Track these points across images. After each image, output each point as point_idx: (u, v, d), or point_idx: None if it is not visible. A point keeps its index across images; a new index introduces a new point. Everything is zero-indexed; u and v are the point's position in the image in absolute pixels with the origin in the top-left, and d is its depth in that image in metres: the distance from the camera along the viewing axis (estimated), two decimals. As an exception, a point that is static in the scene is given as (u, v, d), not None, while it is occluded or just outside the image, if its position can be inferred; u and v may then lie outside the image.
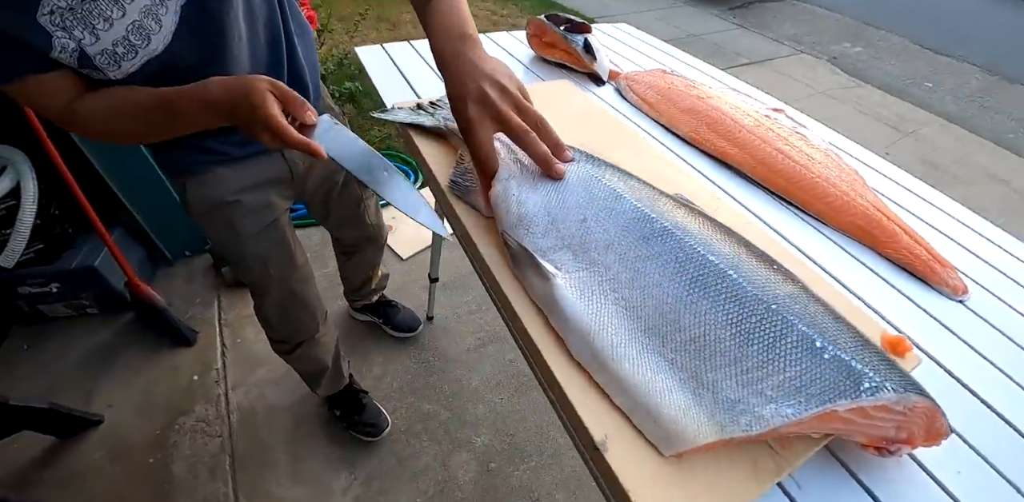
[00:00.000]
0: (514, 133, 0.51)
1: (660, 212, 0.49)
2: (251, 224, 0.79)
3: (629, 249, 0.45)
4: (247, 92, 0.50)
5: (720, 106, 0.70)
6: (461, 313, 1.59)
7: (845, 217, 0.59)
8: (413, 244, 1.78)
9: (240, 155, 0.73)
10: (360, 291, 1.38)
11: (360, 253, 1.23)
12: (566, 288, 0.42)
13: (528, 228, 0.48)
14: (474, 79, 0.51)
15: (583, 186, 0.52)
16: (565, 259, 0.45)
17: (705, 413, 0.36)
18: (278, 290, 0.90)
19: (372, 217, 1.12)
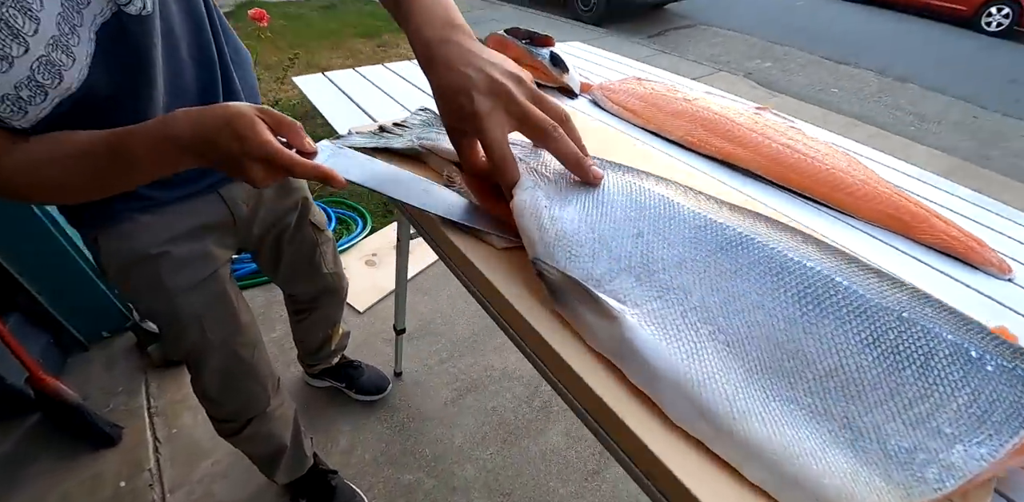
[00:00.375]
0: (538, 130, 0.42)
1: (726, 217, 0.40)
2: (183, 279, 0.68)
3: (708, 265, 0.35)
4: (229, 119, 0.41)
5: (709, 107, 0.65)
6: (432, 363, 1.45)
7: (871, 205, 0.54)
8: (370, 294, 1.64)
9: (167, 198, 0.63)
10: (318, 354, 1.21)
11: (318, 309, 1.07)
12: (642, 327, 0.31)
13: (570, 251, 0.36)
14: (477, 67, 0.41)
15: (624, 194, 0.42)
16: (628, 287, 0.34)
17: (879, 474, 0.26)
18: (220, 356, 0.76)
19: (330, 264, 0.98)
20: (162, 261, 0.65)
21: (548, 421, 1.32)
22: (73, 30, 0.42)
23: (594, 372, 0.32)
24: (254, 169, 0.41)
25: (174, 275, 0.67)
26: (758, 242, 0.37)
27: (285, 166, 0.41)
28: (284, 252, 0.87)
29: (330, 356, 1.25)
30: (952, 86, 4.70)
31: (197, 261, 0.69)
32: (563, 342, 0.34)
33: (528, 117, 0.42)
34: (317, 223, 0.90)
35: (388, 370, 1.39)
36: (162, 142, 0.42)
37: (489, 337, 1.53)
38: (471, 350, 1.49)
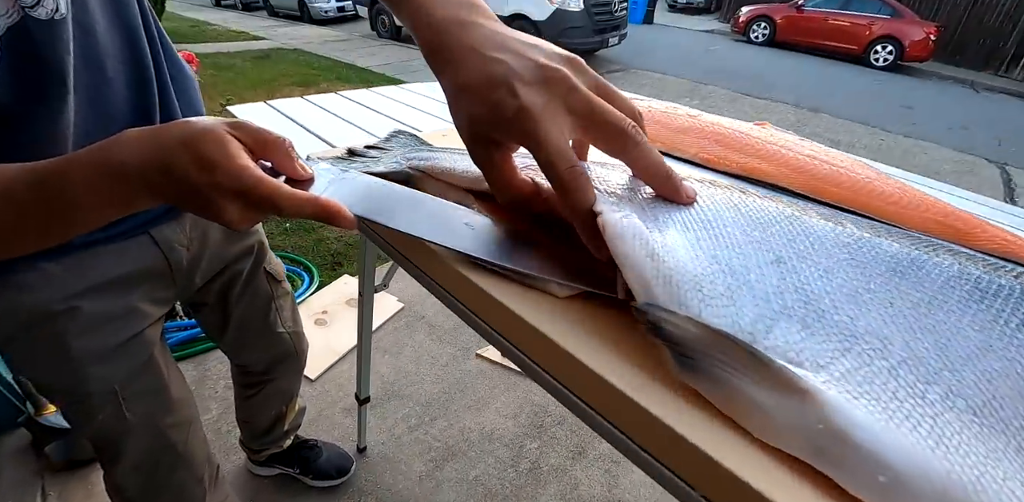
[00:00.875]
0: (614, 131, 0.30)
1: (869, 229, 0.30)
2: (96, 342, 0.54)
3: (891, 295, 0.25)
4: (188, 139, 0.30)
5: (718, 121, 0.59)
6: (400, 432, 1.27)
7: (919, 213, 0.48)
8: (323, 358, 1.45)
9: (79, 242, 0.49)
10: (267, 436, 1.01)
11: (273, 381, 0.90)
12: (851, 403, 0.20)
13: (701, 290, 0.25)
14: (515, 51, 0.30)
15: (731, 209, 0.30)
16: (796, 340, 0.23)
17: None
18: (142, 441, 0.61)
19: (288, 322, 0.82)
20: (68, 320, 0.51)
21: (539, 484, 1.17)
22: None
23: (777, 484, 0.20)
24: (228, 207, 0.30)
25: (84, 338, 0.53)
26: (933, 259, 0.27)
27: (270, 201, 0.30)
28: (233, 308, 0.73)
29: (282, 438, 1.05)
30: (857, 114, 5.24)
31: (117, 319, 0.55)
32: (708, 435, 0.22)
33: (597, 112, 0.29)
34: (273, 273, 0.77)
35: (349, 446, 1.20)
36: (104, 174, 0.31)
37: (461, 395, 1.38)
38: (443, 412, 1.33)
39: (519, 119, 0.28)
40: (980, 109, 6.28)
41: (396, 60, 5.98)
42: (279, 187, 0.30)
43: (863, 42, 7.99)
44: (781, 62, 7.72)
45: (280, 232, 2.09)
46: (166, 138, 0.30)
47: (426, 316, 1.66)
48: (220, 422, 1.24)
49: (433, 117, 0.80)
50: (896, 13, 7.97)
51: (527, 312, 0.30)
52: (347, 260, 1.93)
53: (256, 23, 8.90)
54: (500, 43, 0.31)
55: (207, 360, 1.41)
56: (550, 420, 1.33)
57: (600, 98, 0.30)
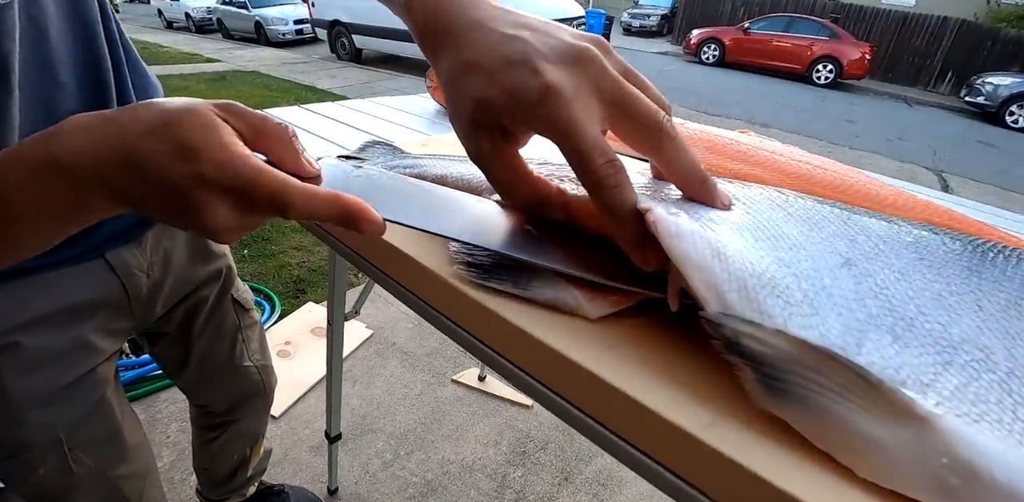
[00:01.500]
0: (646, 122, 0.25)
1: (921, 228, 0.27)
2: (39, 382, 0.47)
3: (976, 297, 0.22)
4: (167, 122, 0.23)
5: (706, 129, 0.57)
6: (374, 469, 1.19)
7: (922, 217, 0.46)
8: (287, 392, 1.35)
9: (15, 268, 0.39)
10: (229, 484, 0.91)
11: (238, 422, 0.81)
12: (979, 431, 0.17)
13: (781, 297, 0.20)
14: (536, 28, 0.26)
15: (780, 210, 0.27)
16: (890, 354, 0.19)
17: None
18: (93, 497, 0.54)
19: (256, 355, 0.75)
20: (6, 357, 0.44)
21: (525, 519, 1.10)
22: None
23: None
24: (215, 208, 0.23)
25: (25, 378, 0.46)
26: (1000, 257, 0.24)
27: (277, 198, 0.23)
28: (196, 340, 0.65)
29: (244, 485, 0.95)
30: (805, 128, 5.54)
31: (65, 356, 0.48)
32: (803, 477, 0.18)
33: (631, 101, 0.25)
34: (241, 301, 0.70)
35: (319, 488, 1.11)
36: (45, 174, 0.23)
37: (438, 424, 1.31)
38: (420, 444, 1.26)
39: (545, 103, 0.23)
40: (914, 121, 6.74)
41: (357, 82, 5.94)
42: (289, 180, 0.23)
43: (805, 62, 8.51)
44: (731, 81, 8.11)
45: (238, 259, 1.98)
46: (129, 122, 0.23)
47: (397, 342, 1.59)
48: (173, 471, 1.12)
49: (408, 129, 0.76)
50: (834, 35, 8.54)
51: (546, 334, 0.25)
52: (311, 287, 1.84)
53: (211, 45, 8.74)
54: (516, 20, 0.26)
55: (157, 401, 1.30)
56: (533, 445, 1.27)
57: (621, 76, 0.26)
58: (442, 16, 0.27)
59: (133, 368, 1.33)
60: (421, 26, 0.28)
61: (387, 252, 0.34)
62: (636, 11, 13.46)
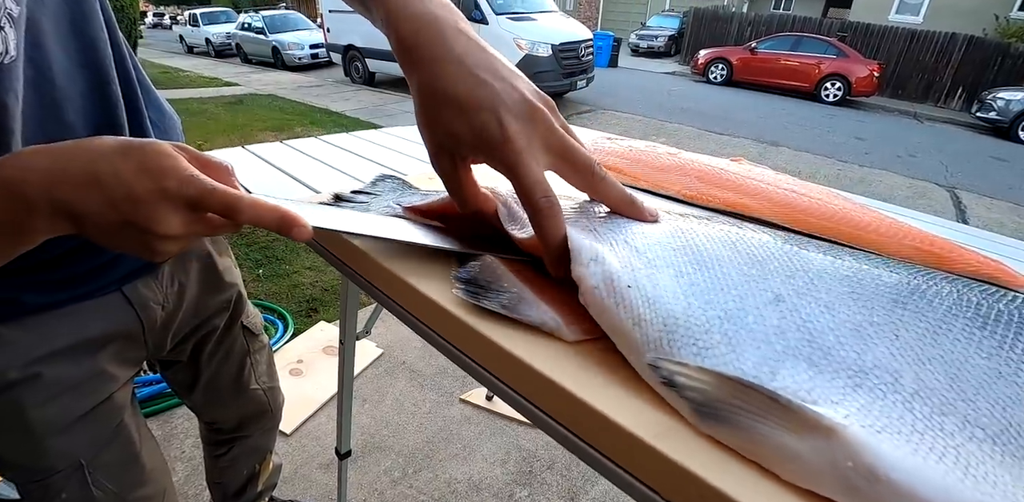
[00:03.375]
0: (584, 170, 0.33)
1: (865, 262, 0.31)
2: (59, 411, 0.49)
3: (894, 327, 0.25)
4: (133, 148, 0.28)
5: (698, 159, 0.60)
6: (383, 487, 1.20)
7: (900, 241, 0.49)
8: (299, 411, 1.38)
9: (41, 303, 0.45)
10: (241, 498, 0.94)
11: (246, 439, 0.84)
12: (881, 439, 0.20)
13: (696, 342, 0.24)
14: (503, 77, 0.31)
15: (727, 247, 0.31)
16: (804, 379, 0.23)
17: None
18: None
19: (263, 378, 0.78)
20: (27, 388, 0.46)
21: (531, 540, 1.11)
22: None
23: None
24: (170, 218, 0.28)
25: (45, 407, 0.48)
26: (931, 288, 0.28)
27: (230, 206, 0.29)
28: (205, 366, 0.68)
29: (256, 499, 0.97)
30: (814, 146, 5.53)
31: (83, 385, 0.50)
32: (740, 483, 0.21)
33: (570, 151, 0.32)
34: (251, 327, 0.73)
35: (328, 505, 1.13)
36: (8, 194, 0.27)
37: (446, 444, 1.33)
38: (428, 462, 1.27)
39: (504, 149, 0.30)
40: (925, 138, 6.70)
41: (370, 104, 6.10)
42: (241, 193, 0.29)
43: (813, 80, 8.56)
44: (740, 100, 8.16)
45: (252, 278, 2.04)
46: (94, 148, 0.28)
47: (407, 361, 1.61)
48: (187, 485, 1.15)
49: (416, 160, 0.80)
50: (841, 53, 8.59)
51: (532, 354, 0.28)
52: (323, 306, 1.88)
53: (229, 70, 9.04)
54: (487, 63, 0.31)
55: (173, 417, 1.33)
56: (539, 465, 1.28)
57: (565, 132, 0.32)
58: (425, 39, 0.32)
59: (150, 384, 1.37)
60: (401, 45, 0.32)
61: (389, 278, 0.38)
62: (644, 32, 13.67)
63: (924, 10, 11.20)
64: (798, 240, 0.34)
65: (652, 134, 5.58)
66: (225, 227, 0.32)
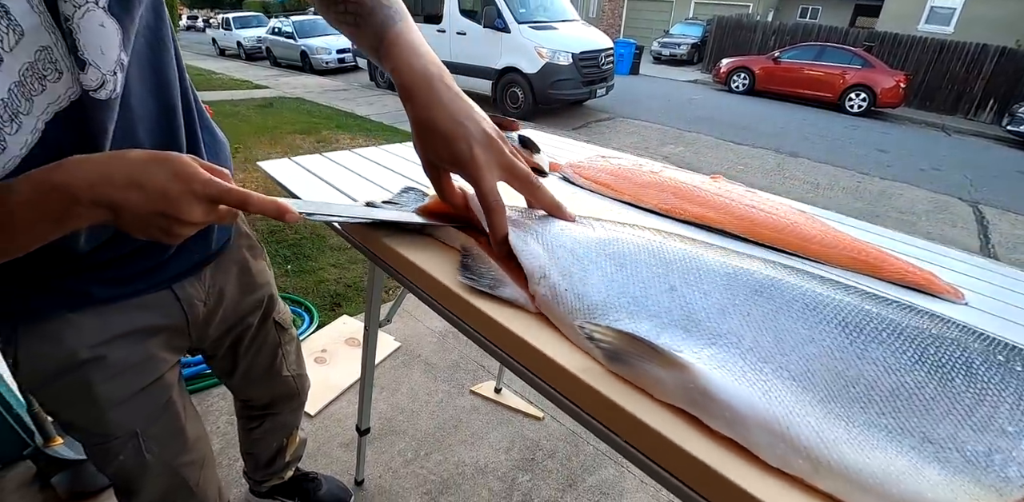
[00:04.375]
0: (525, 180, 0.48)
1: (748, 263, 0.42)
2: (119, 388, 0.58)
3: (749, 308, 0.37)
4: (166, 159, 0.39)
5: (676, 176, 0.71)
6: (396, 466, 1.31)
7: (838, 251, 0.59)
8: (322, 395, 1.50)
9: (106, 296, 0.54)
10: (270, 467, 1.05)
11: (275, 416, 0.95)
12: (713, 372, 0.31)
13: (609, 315, 0.37)
14: (474, 119, 0.46)
15: (646, 252, 0.43)
16: (678, 339, 0.35)
17: (971, 481, 0.27)
18: (159, 480, 0.65)
19: (292, 366, 0.89)
20: (94, 367, 0.56)
21: (531, 520, 1.20)
22: (14, 118, 0.38)
23: (673, 424, 0.31)
24: (194, 210, 0.39)
25: (108, 383, 0.57)
26: (788, 282, 0.39)
27: (242, 200, 0.40)
28: (241, 357, 0.78)
29: (283, 469, 1.09)
30: (835, 158, 5.47)
31: (138, 366, 0.59)
32: (631, 398, 0.33)
33: (515, 169, 0.47)
34: (282, 322, 0.83)
35: (347, 479, 1.24)
36: (43, 192, 0.36)
37: (455, 430, 1.43)
38: (438, 446, 1.37)
39: (470, 167, 0.45)
40: (951, 151, 6.59)
41: (393, 109, 6.27)
42: (247, 190, 0.41)
43: (838, 90, 8.49)
44: (761, 110, 8.14)
45: (281, 273, 2.17)
46: (129, 158, 0.38)
47: (422, 355, 1.72)
48: (221, 456, 1.27)
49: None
50: (867, 63, 8.51)
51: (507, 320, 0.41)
52: (346, 301, 2.01)
53: (259, 72, 9.33)
54: (463, 109, 0.46)
55: (210, 396, 1.46)
56: (542, 454, 1.37)
57: (514, 157, 0.47)
58: (421, 90, 0.46)
59: (189, 366, 1.50)
60: (405, 88, 0.46)
61: (409, 265, 0.51)
62: (666, 40, 13.67)
63: (955, 20, 11.02)
64: (702, 246, 0.45)
65: (670, 143, 5.61)
66: (231, 216, 0.43)
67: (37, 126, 0.40)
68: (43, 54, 0.38)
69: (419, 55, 0.47)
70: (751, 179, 4.48)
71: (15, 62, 0.37)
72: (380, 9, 0.49)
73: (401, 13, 0.50)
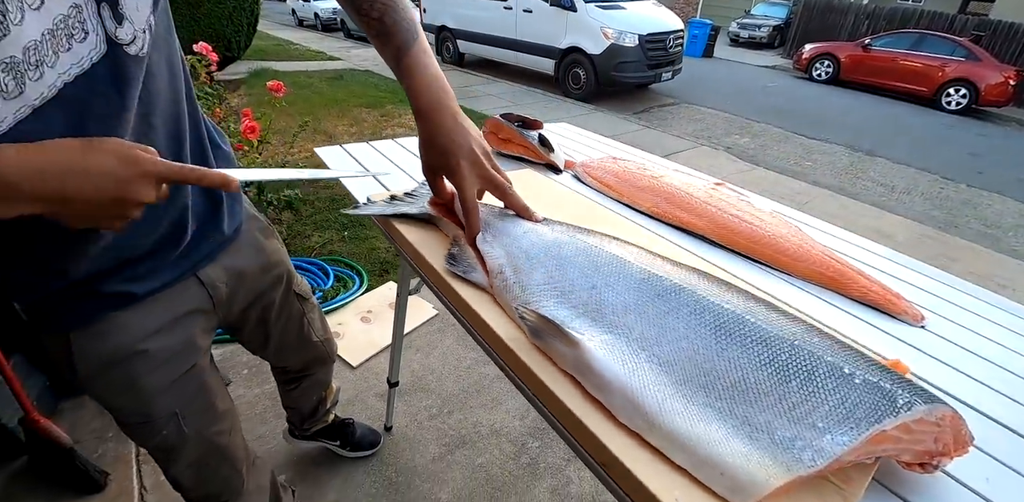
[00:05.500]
0: (500, 188, 0.60)
1: (666, 271, 0.51)
2: (162, 377, 0.64)
3: (647, 308, 0.46)
4: (111, 146, 0.39)
5: (673, 183, 0.77)
6: (422, 419, 1.47)
7: (805, 265, 0.64)
8: (364, 350, 1.68)
9: (145, 291, 0.59)
10: (313, 417, 1.21)
11: (310, 376, 1.08)
12: (597, 350, 0.42)
13: (539, 300, 0.49)
14: (464, 137, 0.57)
15: (584, 256, 0.53)
16: (585, 326, 0.45)
17: (768, 456, 0.35)
18: (194, 448, 0.72)
19: (319, 332, 0.97)
20: (140, 360, 0.61)
21: (534, 478, 1.33)
22: (38, 65, 0.38)
23: (564, 387, 0.43)
24: (148, 190, 0.41)
25: (152, 375, 0.63)
26: (687, 290, 0.48)
27: (194, 174, 0.43)
28: (272, 331, 0.85)
29: (325, 415, 1.25)
30: (918, 159, 5.00)
31: (178, 355, 0.66)
32: (540, 365, 0.45)
33: (494, 179, 0.60)
34: (302, 293, 0.90)
35: (378, 425, 1.41)
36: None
37: (478, 394, 1.57)
38: (460, 407, 1.52)
39: (456, 176, 0.58)
40: (1059, 159, 5.92)
41: (456, 85, 6.29)
42: (194, 166, 0.43)
43: (934, 84, 7.73)
44: (841, 101, 7.59)
45: (339, 239, 2.37)
46: (68, 146, 0.37)
47: (456, 324, 1.86)
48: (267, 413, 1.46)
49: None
50: (972, 55, 7.69)
51: (472, 299, 0.53)
52: (393, 268, 2.18)
53: (333, 44, 9.62)
54: (460, 133, 0.57)
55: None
56: (553, 423, 1.48)
57: (495, 171, 0.59)
58: (431, 113, 0.57)
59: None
60: (418, 110, 0.57)
61: (412, 248, 0.64)
62: (746, 21, 12.82)
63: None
64: (634, 254, 0.54)
65: (735, 132, 5.39)
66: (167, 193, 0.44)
67: (56, 83, 0.40)
68: (74, 11, 0.39)
69: (431, 82, 0.57)
70: (816, 177, 4.24)
71: (54, 8, 0.38)
72: (400, 29, 0.58)
73: (416, 30, 0.60)
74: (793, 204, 3.54)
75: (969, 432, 0.41)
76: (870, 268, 0.76)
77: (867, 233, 3.09)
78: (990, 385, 0.57)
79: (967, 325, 0.67)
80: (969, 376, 0.58)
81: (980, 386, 0.57)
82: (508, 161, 1.04)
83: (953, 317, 0.68)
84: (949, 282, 0.76)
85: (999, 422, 0.52)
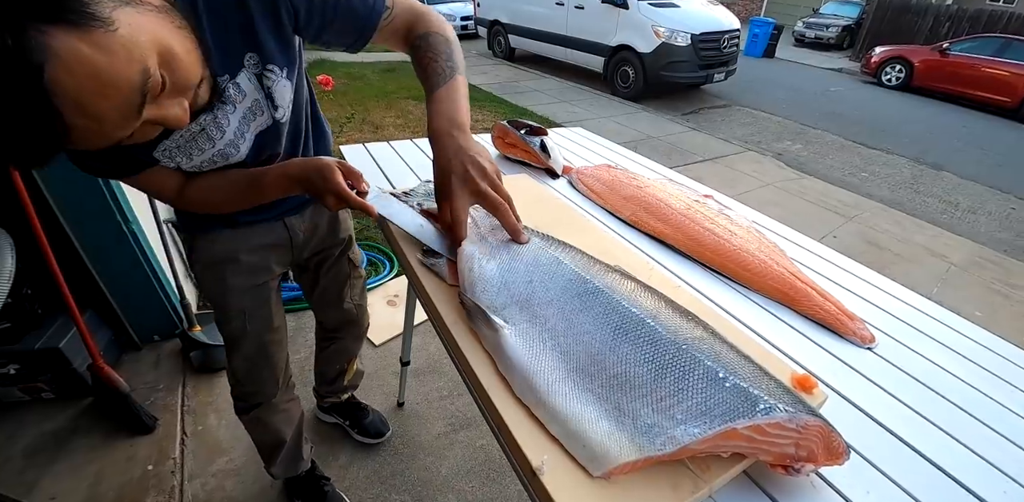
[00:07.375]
0: (492, 205, 0.64)
1: (594, 275, 0.58)
2: (241, 281, 0.88)
3: (566, 304, 0.54)
4: (320, 167, 0.65)
5: (655, 193, 0.82)
6: (432, 398, 1.58)
7: (763, 281, 0.68)
8: (387, 331, 1.81)
9: (246, 220, 0.84)
10: (333, 385, 1.35)
11: (340, 340, 1.23)
12: (511, 337, 0.51)
13: (484, 288, 0.57)
14: (459, 158, 0.64)
15: (533, 255, 0.62)
16: (513, 313, 0.54)
17: (626, 437, 0.42)
18: (251, 345, 0.94)
19: (356, 297, 1.16)
20: (231, 265, 0.86)
21: (532, 461, 1.40)
22: (242, 135, 0.69)
23: (482, 364, 0.51)
24: (329, 198, 0.65)
25: (236, 277, 0.88)
26: (606, 293, 0.55)
27: (348, 200, 0.65)
28: (321, 278, 1.07)
29: (342, 390, 1.38)
30: (989, 176, 4.62)
31: (256, 270, 0.89)
32: (468, 344, 0.54)
33: (485, 196, 0.64)
34: (354, 259, 1.10)
35: (391, 400, 1.53)
36: (281, 177, 0.69)
37: (488, 377, 1.65)
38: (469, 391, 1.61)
39: (446, 191, 0.64)
40: None
41: (505, 80, 6.39)
42: (351, 193, 0.65)
43: (1020, 94, 7.14)
44: (911, 110, 7.12)
45: (375, 226, 2.50)
46: (311, 165, 0.66)
47: (475, 310, 1.96)
48: (305, 363, 1.62)
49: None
50: (1065, 65, 7.06)
51: (432, 290, 0.62)
52: (423, 255, 2.29)
53: (394, 37, 9.82)
54: (455, 151, 0.64)
55: (305, 315, 1.83)
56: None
57: (490, 188, 0.63)
58: (438, 138, 0.65)
59: (292, 290, 1.87)
60: (432, 133, 0.66)
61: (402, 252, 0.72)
62: (813, 20, 12.15)
63: None
64: (574, 258, 0.61)
65: (787, 139, 5.18)
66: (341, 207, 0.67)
67: (249, 139, 0.70)
68: (255, 104, 0.68)
69: (451, 115, 0.66)
70: (871, 190, 4.01)
71: (242, 108, 0.66)
72: (434, 73, 0.70)
73: (450, 73, 0.70)
74: (839, 217, 3.43)
75: (844, 444, 0.44)
76: (835, 286, 0.77)
77: (916, 252, 3.02)
78: (917, 410, 0.58)
79: (919, 350, 0.67)
80: (899, 400, 0.59)
81: (907, 411, 0.58)
82: (511, 165, 1.12)
83: (907, 341, 0.68)
84: (916, 304, 0.77)
85: (909, 445, 0.54)
